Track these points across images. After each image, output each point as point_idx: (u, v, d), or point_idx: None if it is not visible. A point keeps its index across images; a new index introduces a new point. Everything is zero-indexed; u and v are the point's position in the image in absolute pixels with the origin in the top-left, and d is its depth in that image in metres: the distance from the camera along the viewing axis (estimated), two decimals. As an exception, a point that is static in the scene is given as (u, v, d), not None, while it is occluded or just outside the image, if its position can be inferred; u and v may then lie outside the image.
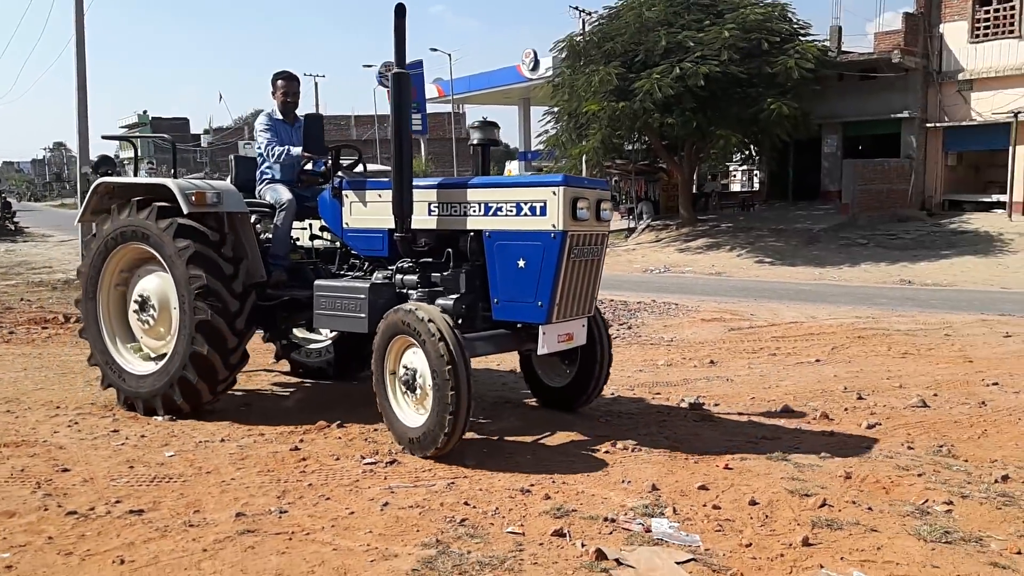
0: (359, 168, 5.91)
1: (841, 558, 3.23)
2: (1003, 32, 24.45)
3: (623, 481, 4.20)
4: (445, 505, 3.81)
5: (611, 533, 3.47)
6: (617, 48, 22.66)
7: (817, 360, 8.02)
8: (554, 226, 4.56)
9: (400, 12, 4.83)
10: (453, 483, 4.14)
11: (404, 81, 4.95)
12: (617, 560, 3.12)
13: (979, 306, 12.51)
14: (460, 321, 4.80)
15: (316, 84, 44.30)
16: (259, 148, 6.07)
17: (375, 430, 5.10)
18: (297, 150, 5.86)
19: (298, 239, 6.37)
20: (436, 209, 5.14)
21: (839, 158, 27.38)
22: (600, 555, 3.14)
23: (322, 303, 5.35)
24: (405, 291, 5.22)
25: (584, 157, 24.60)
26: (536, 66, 38.25)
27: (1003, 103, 23.85)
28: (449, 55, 43.17)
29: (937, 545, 3.38)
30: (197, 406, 5.48)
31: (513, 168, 45.53)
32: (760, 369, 7.53)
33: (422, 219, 5.14)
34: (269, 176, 6.07)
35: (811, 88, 23.02)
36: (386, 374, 4.80)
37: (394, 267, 5.34)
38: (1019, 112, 23.24)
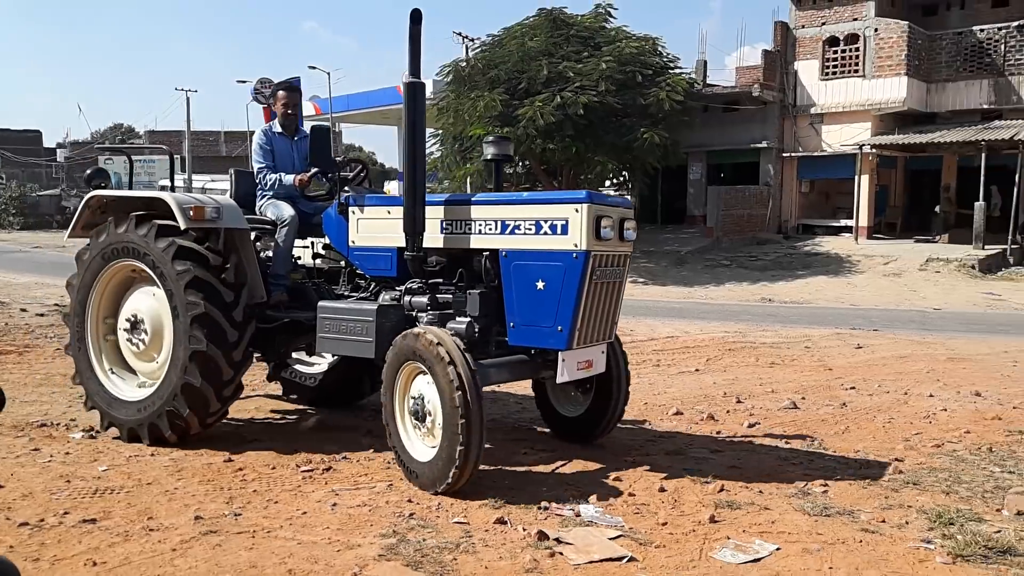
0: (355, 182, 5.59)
1: (743, 531, 3.81)
2: (849, 71, 26.80)
3: (549, 476, 4.66)
4: (391, 503, 4.14)
5: (546, 519, 3.92)
6: (501, 75, 23.39)
7: (696, 370, 8.78)
8: (576, 245, 4.30)
9: (416, 18, 4.60)
10: (392, 485, 4.46)
11: (419, 91, 4.70)
12: (557, 539, 3.57)
13: (832, 321, 13.78)
14: (473, 346, 4.52)
15: (188, 99, 42.95)
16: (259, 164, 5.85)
17: (305, 442, 5.35)
18: (289, 178, 5.66)
19: (300, 258, 6.07)
20: (448, 227, 4.86)
21: (704, 185, 29.22)
22: (542, 536, 3.58)
23: (326, 326, 5.02)
24: (415, 313, 4.94)
25: (468, 179, 25.18)
26: (415, 88, 38.46)
27: (850, 136, 26.13)
28: (328, 73, 43.01)
29: (819, 518, 4.01)
30: (184, 437, 5.18)
31: (392, 188, 45.68)
32: (648, 378, 8.18)
33: (434, 237, 4.88)
34: (272, 192, 5.79)
35: (680, 119, 24.47)
36: (396, 404, 4.52)
37: (403, 288, 5.07)
38: (863, 144, 25.52)
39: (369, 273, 5.35)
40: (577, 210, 4.31)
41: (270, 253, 5.65)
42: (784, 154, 27.81)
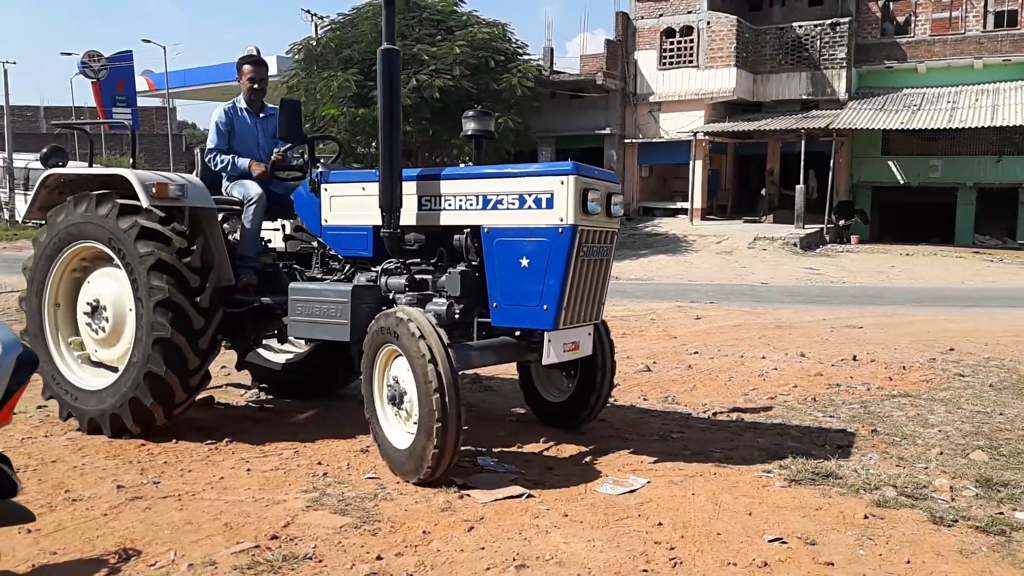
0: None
1: (618, 470, 4.43)
2: (685, 62, 28.57)
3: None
4: (301, 466, 4.47)
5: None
6: (355, 55, 23.33)
7: (560, 342, 9.46)
8: (562, 220, 4.09)
9: None
10: (298, 451, 4.77)
11: (394, 58, 4.48)
12: (464, 484, 4.05)
13: (674, 296, 14.94)
14: (454, 329, 4.41)
15: (5, 71, 39.57)
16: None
17: (201, 418, 5.53)
18: (244, 162, 5.46)
19: (270, 240, 5.82)
20: (427, 203, 4.64)
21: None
22: (450, 482, 4.05)
23: (298, 309, 4.80)
24: (392, 295, 4.73)
25: (322, 160, 24.95)
26: (259, 65, 37.45)
27: (685, 123, 27.92)
28: (164, 48, 40.88)
29: (677, 457, 4.70)
30: (148, 429, 4.95)
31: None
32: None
33: (411, 214, 4.67)
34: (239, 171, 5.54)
35: (530, 104, 25.32)
36: (374, 390, 4.35)
37: (379, 269, 4.86)
38: (697, 132, 27.33)
39: (343, 253, 5.15)
40: (563, 182, 4.09)
41: (238, 235, 5.42)
42: (626, 140, 29.31)
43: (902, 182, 28.51)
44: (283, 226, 5.83)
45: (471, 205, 4.44)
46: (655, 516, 3.75)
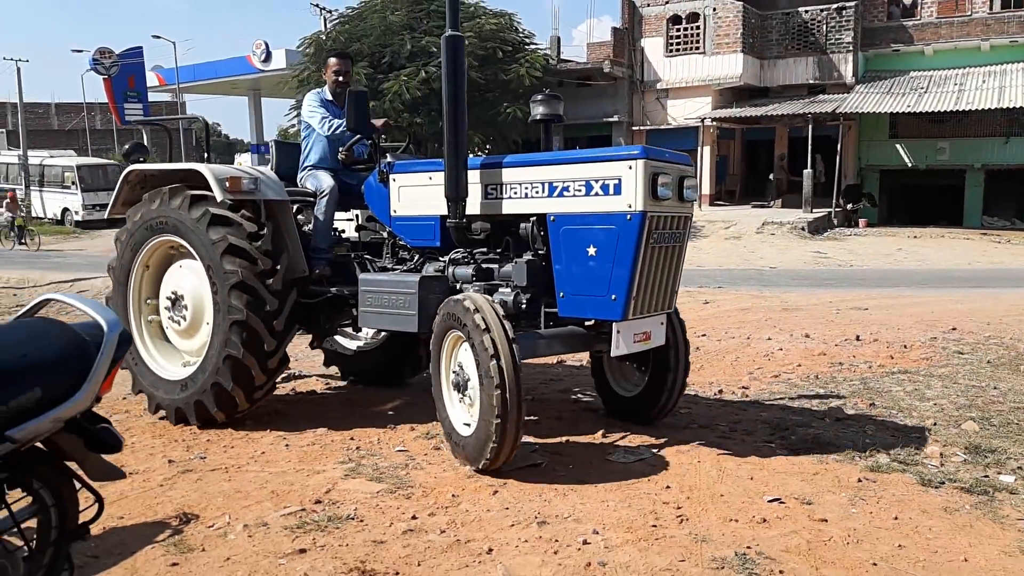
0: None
1: (629, 441, 4.75)
2: (691, 49, 28.69)
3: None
4: (335, 442, 4.81)
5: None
6: (364, 49, 23.61)
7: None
8: (630, 206, 3.97)
9: None
10: (330, 429, 5.09)
11: (459, 46, 4.44)
12: (487, 456, 4.38)
13: (682, 281, 15.19)
14: (520, 318, 4.42)
15: (18, 68, 40.08)
16: (305, 129, 5.62)
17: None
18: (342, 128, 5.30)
19: (344, 231, 5.86)
20: (493, 191, 4.58)
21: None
22: (475, 454, 4.38)
23: (368, 300, 4.84)
24: (459, 285, 4.71)
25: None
26: (268, 58, 37.98)
27: (692, 110, 28.06)
28: (173, 43, 41.27)
29: (684, 431, 5.02)
30: (232, 415, 5.03)
31: (244, 161, 44.63)
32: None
33: (477, 203, 4.63)
34: (312, 162, 5.60)
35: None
36: (441, 375, 4.35)
37: (447, 259, 4.86)
38: (704, 118, 27.50)
39: (412, 244, 5.15)
40: (631, 167, 3.97)
41: (311, 227, 5.47)
42: (634, 127, 29.47)
43: (910, 165, 28.60)
44: (356, 216, 5.90)
45: (536, 192, 4.36)
46: (663, 481, 4.07)
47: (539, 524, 3.46)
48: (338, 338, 6.44)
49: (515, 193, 4.48)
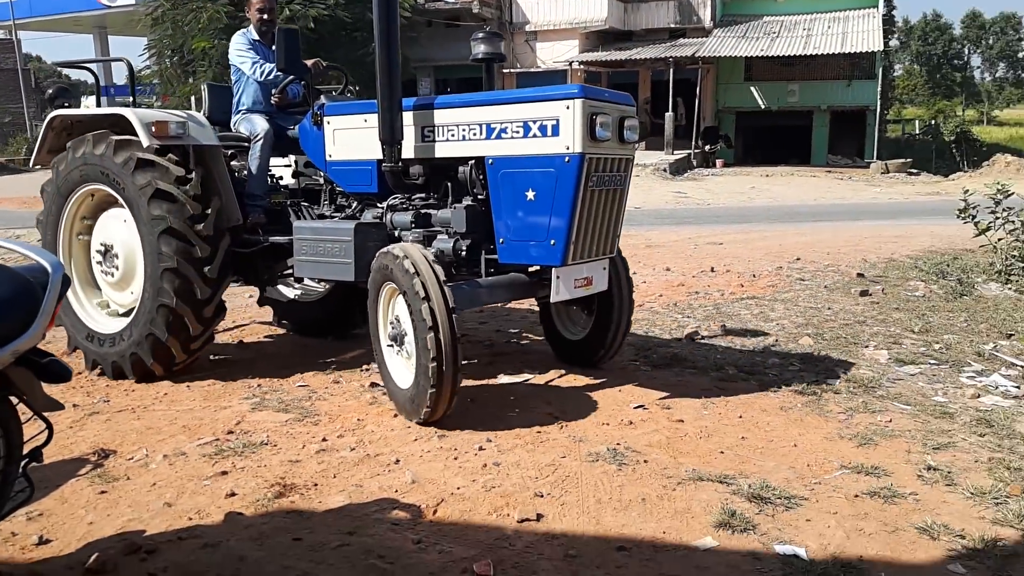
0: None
1: (512, 367, 5.24)
2: (557, -9, 29.11)
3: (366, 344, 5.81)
4: (237, 380, 5.01)
5: (369, 375, 5.06)
6: (226, -15, 22.68)
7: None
8: (568, 148, 3.83)
9: None
10: (230, 371, 5.28)
11: None
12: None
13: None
14: (461, 267, 4.37)
15: None
16: (235, 72, 5.38)
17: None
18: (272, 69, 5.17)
19: (281, 178, 5.68)
20: (430, 134, 4.39)
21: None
22: (374, 384, 4.75)
23: (303, 248, 4.68)
24: (397, 232, 4.59)
25: (193, 96, 24.31)
26: (116, -7, 35.82)
27: (560, 52, 28.63)
28: (4, -26, 37.99)
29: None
30: (169, 367, 4.92)
31: (91, 104, 42.00)
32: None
33: (414, 146, 4.46)
34: (245, 106, 5.38)
35: (407, 34, 25.34)
36: (379, 330, 4.27)
37: (384, 205, 4.73)
38: (572, 61, 28.08)
39: (349, 190, 5.01)
40: (568, 107, 3.82)
41: (247, 173, 5.27)
42: (504, 70, 29.72)
43: (763, 107, 30.33)
44: (295, 162, 5.69)
45: (474, 135, 4.20)
46: (543, 398, 4.58)
47: (439, 437, 3.89)
48: (281, 288, 6.31)
49: (452, 135, 4.32)
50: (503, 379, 4.97)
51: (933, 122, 40.70)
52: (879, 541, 2.93)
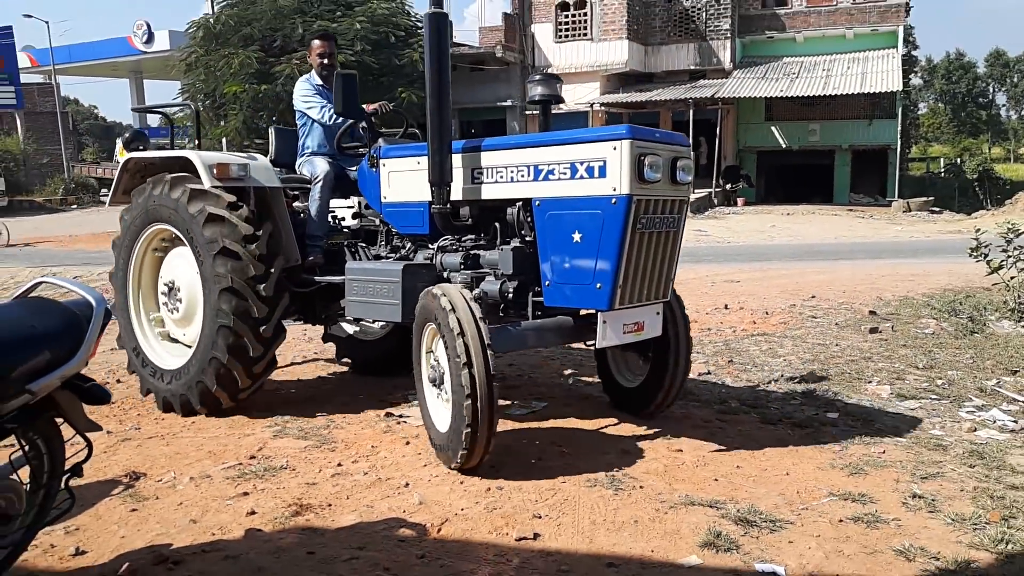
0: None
1: (523, 396, 5.45)
2: (579, 35, 29.71)
3: (385, 383, 6.05)
4: (260, 410, 5.27)
5: (394, 404, 5.30)
6: (255, 33, 23.52)
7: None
8: (615, 189, 3.77)
9: None
10: (254, 401, 5.56)
11: (443, 23, 4.21)
12: (400, 415, 5.00)
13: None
14: (509, 308, 4.33)
15: None
16: (301, 117, 5.58)
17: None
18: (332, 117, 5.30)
19: (344, 219, 5.74)
20: (479, 176, 4.41)
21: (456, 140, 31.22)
22: (389, 415, 4.99)
23: (354, 288, 4.74)
24: (447, 274, 4.58)
25: (226, 138, 25.08)
26: (151, 39, 37.16)
27: (582, 95, 29.10)
28: (47, 22, 39.55)
29: (571, 389, 5.75)
30: (217, 411, 5.07)
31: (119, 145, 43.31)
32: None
33: (463, 188, 4.48)
34: (310, 149, 5.56)
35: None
36: (421, 368, 4.23)
37: (435, 246, 4.74)
38: (593, 103, 28.57)
39: (402, 231, 5.02)
40: (615, 148, 3.77)
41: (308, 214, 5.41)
42: (527, 111, 30.29)
43: (784, 146, 30.57)
44: (358, 203, 5.71)
45: (522, 176, 4.18)
46: (548, 427, 4.80)
47: (447, 464, 4.12)
48: (344, 326, 6.32)
49: (501, 177, 4.30)
50: (514, 411, 5.18)
51: (958, 160, 40.65)
52: (856, 562, 3.10)
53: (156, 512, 3.57)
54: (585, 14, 29.61)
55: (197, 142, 6.13)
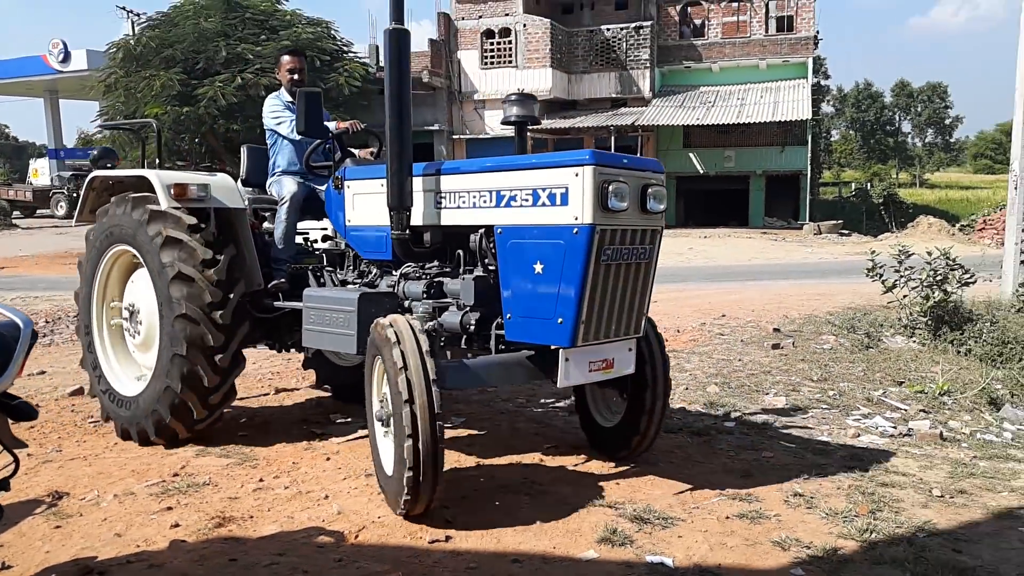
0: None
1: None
2: (504, 62, 30.30)
3: (308, 401, 6.20)
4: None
5: (316, 422, 5.47)
6: (177, 55, 23.31)
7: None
8: (576, 219, 3.53)
9: None
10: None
11: (404, 40, 4.04)
12: (322, 433, 5.19)
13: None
14: (471, 342, 4.09)
15: None
16: (271, 135, 5.36)
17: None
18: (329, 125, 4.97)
19: (316, 241, 5.51)
20: (440, 200, 4.17)
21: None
22: (312, 434, 5.17)
23: (311, 317, 4.46)
24: (408, 303, 4.35)
25: (146, 161, 24.76)
26: (67, 58, 36.37)
27: (507, 120, 29.63)
28: (-44, 39, 38.25)
29: (488, 402, 6.01)
30: (172, 442, 4.90)
31: (41, 167, 42.01)
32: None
33: (424, 213, 4.26)
34: (280, 168, 5.33)
35: (359, 103, 26.15)
36: (371, 405, 3.97)
37: (398, 273, 4.51)
38: (519, 128, 29.12)
39: (365, 256, 4.78)
40: (577, 174, 3.53)
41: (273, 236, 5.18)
42: (454, 136, 30.71)
43: (701, 171, 31.66)
44: (330, 226, 5.44)
45: (484, 202, 3.95)
46: (464, 439, 5.05)
47: (366, 476, 4.32)
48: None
49: (463, 202, 4.07)
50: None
51: (868, 185, 42.62)
52: (737, 552, 3.43)
53: (80, 528, 3.67)
54: (510, 42, 30.24)
55: (158, 160, 5.97)
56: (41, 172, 40.98)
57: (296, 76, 5.40)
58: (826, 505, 4.00)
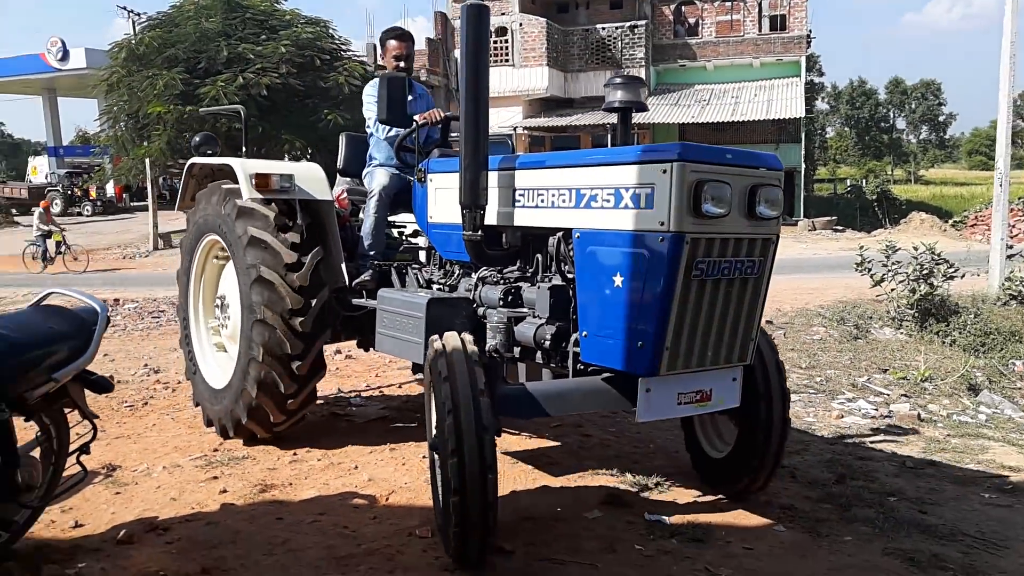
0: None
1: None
2: (501, 61, 30.63)
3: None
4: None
5: (340, 404, 5.89)
6: (179, 55, 23.62)
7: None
8: (662, 225, 2.97)
9: None
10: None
11: (484, 15, 3.45)
12: (346, 414, 5.59)
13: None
14: (550, 359, 3.56)
15: None
16: (368, 124, 5.00)
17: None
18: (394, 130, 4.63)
19: (410, 235, 5.26)
20: (520, 197, 3.67)
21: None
22: (335, 415, 5.58)
23: (384, 320, 4.12)
24: (483, 310, 3.84)
25: (149, 160, 25.09)
26: (65, 56, 36.68)
27: (506, 118, 30.00)
28: (-44, 37, 38.48)
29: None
30: (269, 429, 4.74)
31: (40, 165, 42.26)
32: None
33: (495, 212, 3.78)
34: (376, 160, 4.99)
35: (359, 102, 26.43)
36: (430, 431, 3.41)
37: (475, 277, 3.98)
38: (516, 127, 29.52)
39: (446, 256, 4.32)
40: (665, 171, 2.97)
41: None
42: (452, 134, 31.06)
43: (696, 169, 31.98)
44: None
45: (564, 201, 3.42)
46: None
47: (391, 450, 4.75)
48: None
49: (541, 201, 3.56)
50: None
51: (862, 181, 43.08)
52: (726, 512, 3.87)
53: (138, 494, 4.09)
54: (506, 41, 30.60)
55: (242, 149, 5.70)
56: (40, 170, 41.30)
57: (402, 63, 4.98)
58: (807, 476, 4.43)
